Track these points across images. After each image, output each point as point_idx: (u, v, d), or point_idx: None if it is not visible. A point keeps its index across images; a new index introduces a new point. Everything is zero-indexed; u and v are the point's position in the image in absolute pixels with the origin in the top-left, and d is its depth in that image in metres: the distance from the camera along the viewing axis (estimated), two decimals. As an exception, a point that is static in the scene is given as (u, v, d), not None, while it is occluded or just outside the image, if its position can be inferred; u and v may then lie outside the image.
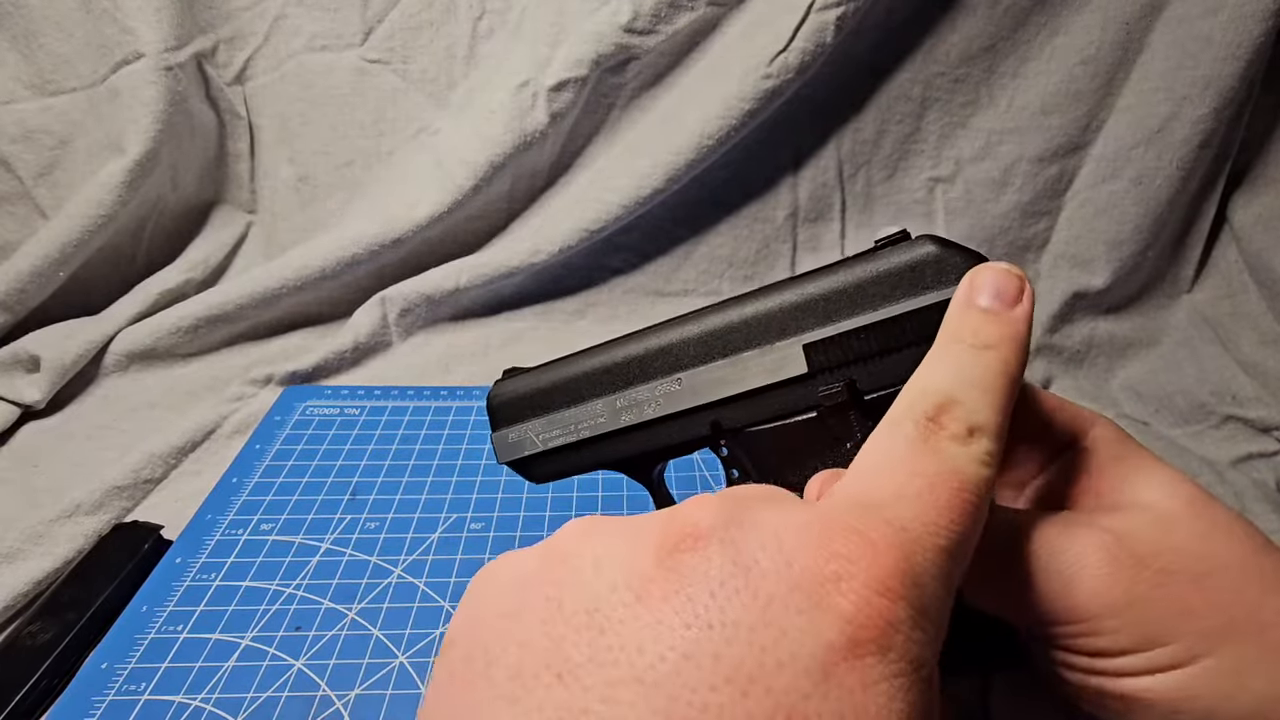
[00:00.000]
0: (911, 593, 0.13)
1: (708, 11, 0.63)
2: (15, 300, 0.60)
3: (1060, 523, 0.21)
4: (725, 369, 0.26)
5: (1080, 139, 0.66)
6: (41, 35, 0.61)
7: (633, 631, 0.13)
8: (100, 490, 0.49)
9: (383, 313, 0.65)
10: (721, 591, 0.13)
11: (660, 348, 0.28)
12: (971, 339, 0.18)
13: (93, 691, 0.35)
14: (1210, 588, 0.20)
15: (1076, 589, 0.20)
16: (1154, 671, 0.19)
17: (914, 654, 0.13)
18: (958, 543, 0.15)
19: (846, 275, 0.25)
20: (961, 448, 0.16)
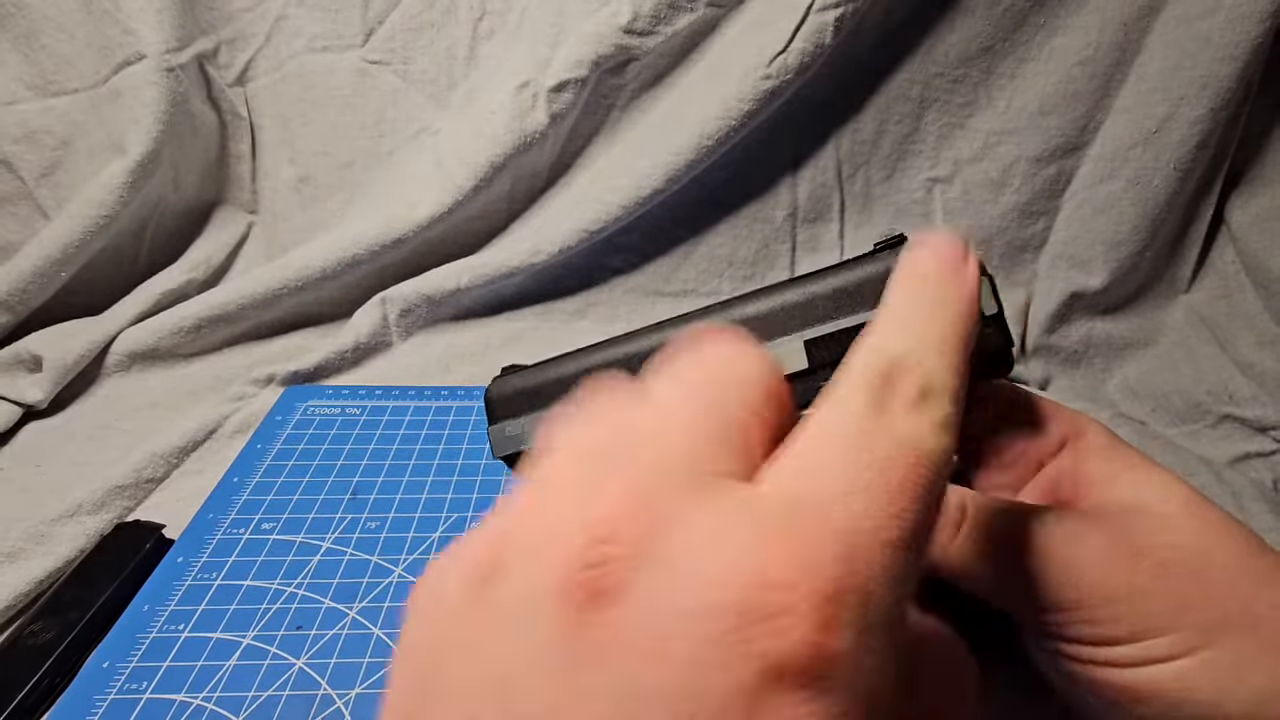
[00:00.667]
0: (857, 613, 0.12)
1: (707, 12, 0.64)
2: (17, 300, 0.60)
3: (1059, 514, 0.21)
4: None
5: (1078, 139, 0.67)
6: (43, 36, 0.61)
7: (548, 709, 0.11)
8: (102, 490, 0.49)
9: (383, 313, 0.65)
10: (637, 659, 0.11)
11: (663, 344, 0.27)
12: (921, 296, 0.16)
13: (94, 690, 0.35)
14: (1207, 582, 0.20)
15: (1076, 578, 0.20)
16: (1151, 663, 0.20)
17: (860, 680, 0.12)
18: (914, 531, 0.13)
19: (846, 276, 0.25)
20: (917, 415, 0.14)
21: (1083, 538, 0.20)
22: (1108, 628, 0.20)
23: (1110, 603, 0.20)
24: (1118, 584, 0.20)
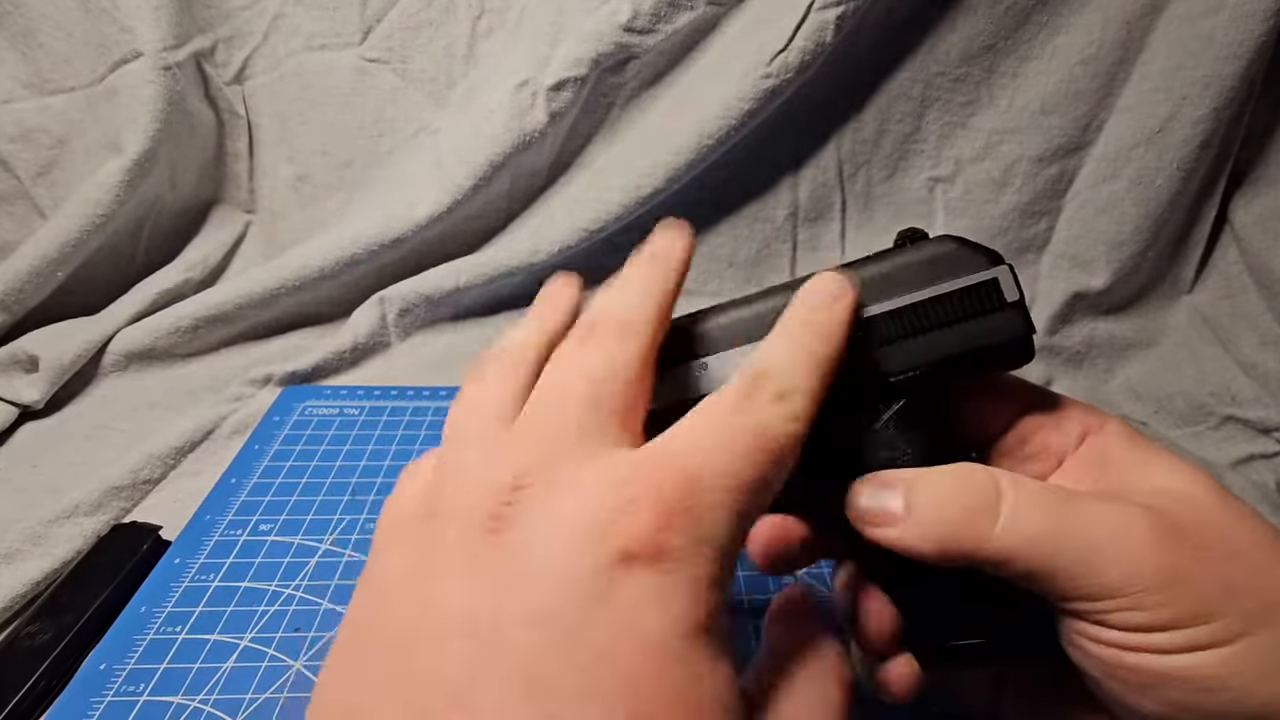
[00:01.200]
0: (690, 525, 0.17)
1: (707, 11, 0.63)
2: (13, 300, 0.59)
3: (1099, 498, 0.21)
4: (750, 353, 0.26)
5: (1080, 139, 0.66)
6: (39, 34, 0.61)
7: (458, 594, 0.17)
8: (99, 491, 0.49)
9: (382, 313, 0.65)
10: (529, 555, 0.17)
11: (683, 334, 0.27)
12: (796, 322, 0.22)
13: (91, 693, 0.35)
14: (1244, 566, 0.20)
15: (1119, 561, 0.20)
16: (1194, 649, 0.19)
17: (690, 569, 0.17)
18: (749, 487, 0.18)
19: (872, 267, 0.25)
20: (772, 408, 0.19)
21: (1124, 522, 0.20)
22: (1151, 614, 0.19)
23: (1154, 589, 0.19)
24: (1163, 569, 0.20)
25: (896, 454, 0.24)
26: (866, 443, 0.25)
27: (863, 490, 0.23)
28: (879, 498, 0.23)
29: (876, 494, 0.23)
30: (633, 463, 0.18)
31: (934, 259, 0.25)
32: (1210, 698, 0.20)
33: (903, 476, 0.23)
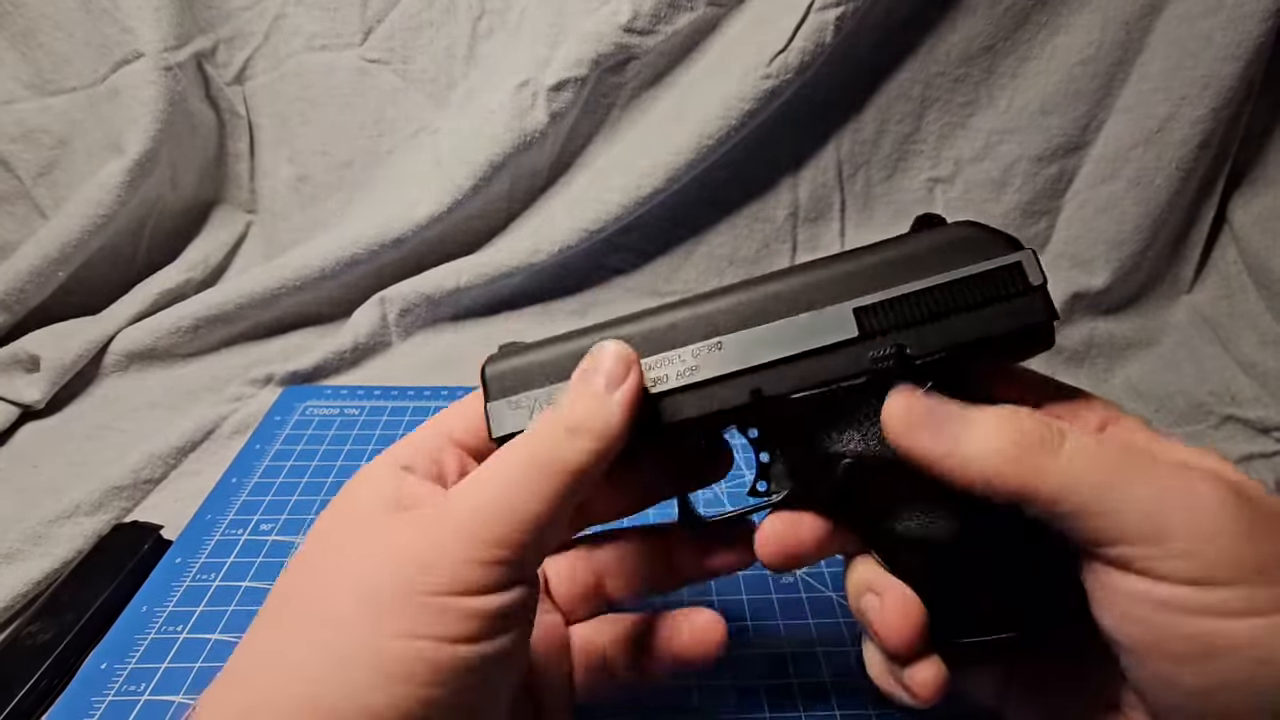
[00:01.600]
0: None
1: (707, 11, 0.63)
2: (15, 300, 0.60)
3: (1174, 457, 0.22)
4: (771, 332, 0.25)
5: (1080, 139, 0.66)
6: (41, 35, 0.61)
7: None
8: (100, 490, 0.49)
9: (382, 312, 0.65)
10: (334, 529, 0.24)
11: (697, 314, 0.26)
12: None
13: (92, 692, 0.35)
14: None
15: (1186, 508, 0.20)
16: (1256, 614, 0.19)
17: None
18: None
19: (894, 250, 0.26)
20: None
21: (1190, 473, 0.20)
22: (1213, 566, 0.19)
23: (1220, 536, 0.19)
24: (1228, 520, 0.19)
25: None
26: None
27: (916, 408, 0.23)
28: (936, 417, 0.23)
29: (933, 414, 0.23)
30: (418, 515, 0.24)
31: (955, 243, 0.25)
32: (1265, 671, 0.19)
33: (959, 408, 0.23)
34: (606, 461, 0.24)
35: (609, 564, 0.30)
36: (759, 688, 0.35)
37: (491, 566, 0.21)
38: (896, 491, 0.25)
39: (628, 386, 0.24)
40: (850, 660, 0.37)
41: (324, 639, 0.20)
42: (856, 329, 0.25)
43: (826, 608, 0.40)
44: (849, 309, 0.25)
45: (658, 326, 0.27)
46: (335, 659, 0.20)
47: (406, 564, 0.21)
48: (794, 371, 0.25)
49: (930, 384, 0.24)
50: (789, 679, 0.36)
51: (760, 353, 0.25)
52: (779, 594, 0.40)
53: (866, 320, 0.25)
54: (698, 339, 0.26)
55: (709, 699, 0.35)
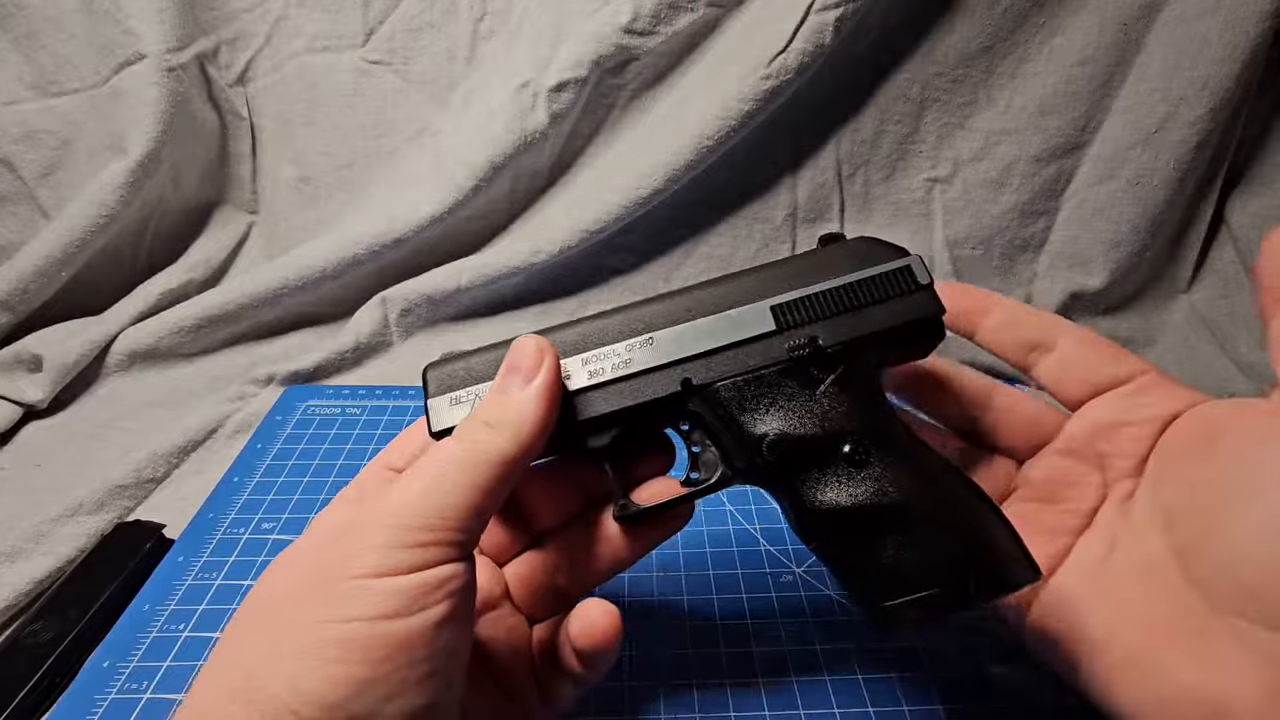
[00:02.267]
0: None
1: (707, 12, 0.64)
2: (18, 300, 0.60)
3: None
4: (698, 327, 0.29)
5: (1078, 139, 0.67)
6: (43, 36, 0.62)
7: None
8: (102, 489, 0.49)
9: (383, 313, 0.65)
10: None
11: (630, 316, 0.30)
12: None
13: (94, 690, 0.35)
14: None
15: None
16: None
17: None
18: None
19: (805, 260, 0.30)
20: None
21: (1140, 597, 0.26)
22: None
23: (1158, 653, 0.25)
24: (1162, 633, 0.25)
25: (835, 413, 0.28)
26: (812, 407, 0.28)
27: None
28: None
29: None
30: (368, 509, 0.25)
31: (856, 253, 0.30)
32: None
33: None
34: (528, 450, 0.25)
35: (556, 560, 0.31)
36: (759, 687, 0.36)
37: (414, 549, 0.22)
38: (815, 463, 0.28)
39: (542, 378, 0.26)
40: (850, 660, 0.37)
41: (274, 633, 0.22)
42: (774, 323, 0.29)
43: (826, 607, 0.40)
44: (767, 306, 0.29)
45: (593, 327, 0.30)
46: (271, 647, 0.21)
47: (336, 552, 0.23)
48: (720, 362, 0.29)
49: (841, 369, 0.28)
50: (789, 678, 0.36)
51: (690, 345, 0.29)
52: (779, 594, 0.41)
53: (782, 315, 0.29)
54: (630, 335, 0.29)
55: (708, 699, 0.35)
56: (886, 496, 0.27)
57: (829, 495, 0.27)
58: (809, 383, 0.28)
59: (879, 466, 0.27)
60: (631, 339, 0.29)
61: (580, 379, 0.29)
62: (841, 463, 0.27)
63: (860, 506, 0.27)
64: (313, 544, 0.25)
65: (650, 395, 0.29)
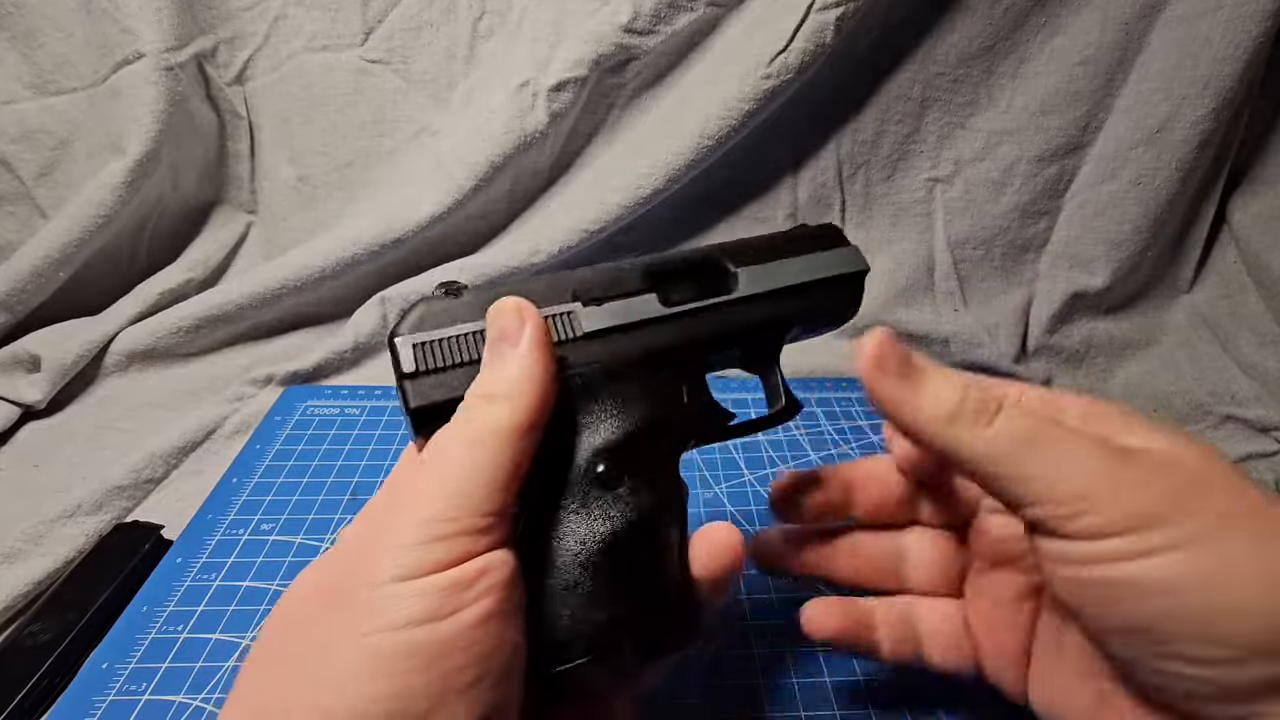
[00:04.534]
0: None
1: (708, 12, 0.63)
2: (15, 300, 0.60)
3: (1069, 424, 0.24)
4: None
5: (1079, 139, 0.66)
6: (41, 35, 0.61)
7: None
8: (101, 490, 0.49)
9: (383, 313, 0.65)
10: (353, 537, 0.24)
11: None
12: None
13: (93, 692, 0.35)
14: (1201, 487, 0.22)
15: (1078, 470, 0.22)
16: (1145, 554, 0.21)
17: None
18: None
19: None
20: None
21: (1084, 439, 0.23)
22: (1102, 517, 0.22)
23: (1104, 492, 0.22)
24: (1109, 475, 0.22)
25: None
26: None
27: (887, 351, 0.26)
28: (902, 365, 0.26)
29: (901, 361, 0.26)
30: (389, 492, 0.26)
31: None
32: (1172, 603, 0.21)
33: (924, 362, 0.26)
34: (534, 414, 0.24)
35: None
36: (759, 687, 0.36)
37: (437, 544, 0.21)
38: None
39: (528, 337, 0.25)
40: (850, 660, 0.37)
41: (289, 650, 0.21)
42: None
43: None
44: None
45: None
46: (299, 668, 0.20)
47: (359, 561, 0.21)
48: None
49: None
50: (789, 679, 0.36)
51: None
52: (779, 594, 0.40)
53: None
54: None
55: (709, 699, 0.35)
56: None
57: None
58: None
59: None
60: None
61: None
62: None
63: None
64: (334, 555, 0.23)
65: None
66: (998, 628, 0.29)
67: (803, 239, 0.32)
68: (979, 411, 0.24)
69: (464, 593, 0.20)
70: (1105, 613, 0.22)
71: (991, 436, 0.24)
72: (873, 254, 0.71)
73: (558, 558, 0.24)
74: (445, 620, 0.20)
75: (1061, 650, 0.27)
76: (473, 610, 0.20)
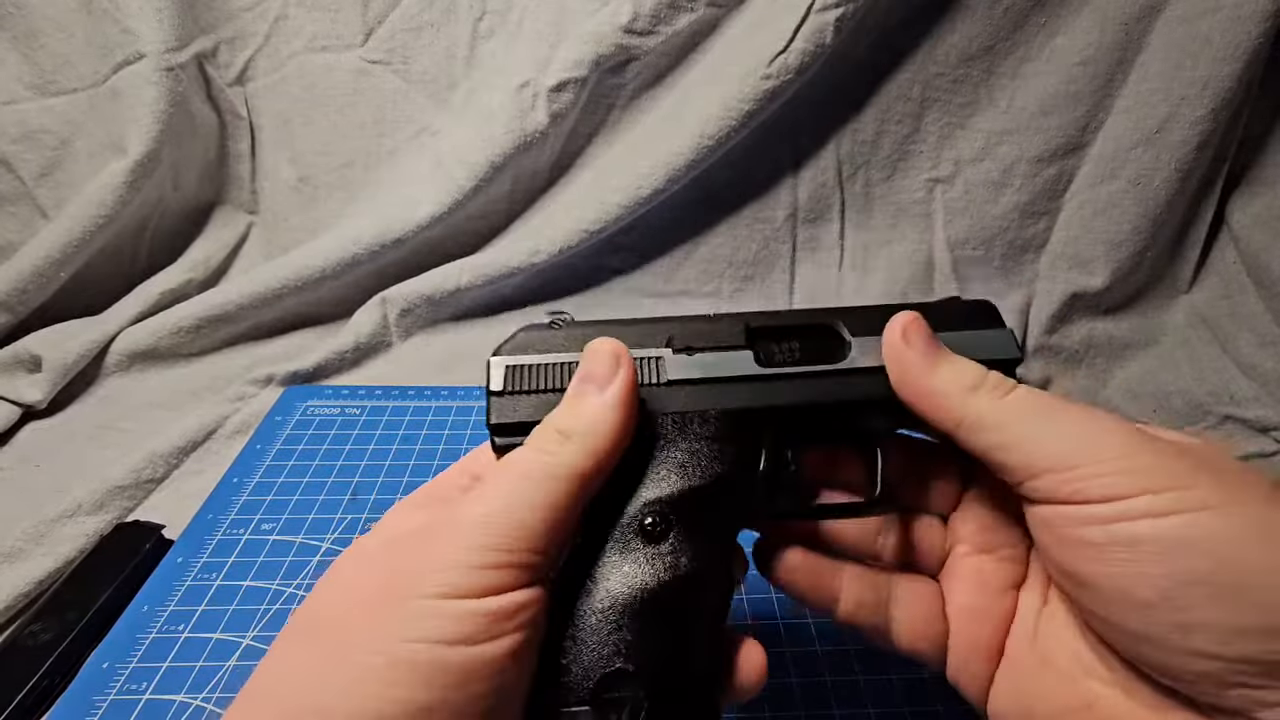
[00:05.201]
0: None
1: (707, 12, 0.63)
2: (17, 300, 0.60)
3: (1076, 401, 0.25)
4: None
5: (1079, 139, 0.66)
6: (42, 35, 0.61)
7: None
8: (102, 490, 0.49)
9: (383, 313, 0.65)
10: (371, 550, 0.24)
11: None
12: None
13: (94, 691, 0.35)
14: (1217, 464, 0.22)
15: (1089, 437, 0.23)
16: (1163, 514, 0.21)
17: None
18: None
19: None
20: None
21: (1099, 414, 0.24)
22: (1118, 479, 0.22)
23: (1122, 457, 0.22)
24: (1129, 443, 0.22)
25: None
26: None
27: (915, 328, 0.27)
28: (929, 343, 0.26)
29: (928, 340, 0.27)
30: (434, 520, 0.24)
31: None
32: (1200, 565, 0.20)
33: (945, 347, 0.27)
34: (606, 460, 0.24)
35: None
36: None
37: (489, 570, 0.21)
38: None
39: (617, 386, 0.25)
40: (850, 660, 0.37)
41: (334, 651, 0.20)
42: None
43: (826, 607, 0.40)
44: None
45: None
46: (326, 664, 0.20)
47: (409, 572, 0.21)
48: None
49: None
50: (789, 679, 0.36)
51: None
52: (779, 594, 0.40)
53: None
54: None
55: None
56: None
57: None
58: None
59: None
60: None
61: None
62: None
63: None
64: (380, 553, 0.23)
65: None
66: (974, 617, 0.28)
67: (948, 313, 0.28)
68: (999, 385, 0.25)
69: (503, 623, 0.21)
70: (1125, 580, 0.22)
71: (1011, 404, 0.24)
72: (872, 254, 0.71)
73: (585, 599, 0.24)
74: (481, 645, 0.20)
75: (1040, 647, 0.27)
76: (506, 641, 0.21)
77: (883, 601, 0.29)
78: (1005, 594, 0.29)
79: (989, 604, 0.28)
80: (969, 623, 0.28)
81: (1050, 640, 0.27)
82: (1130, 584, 0.22)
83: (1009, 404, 0.25)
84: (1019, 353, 0.29)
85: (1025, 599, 0.28)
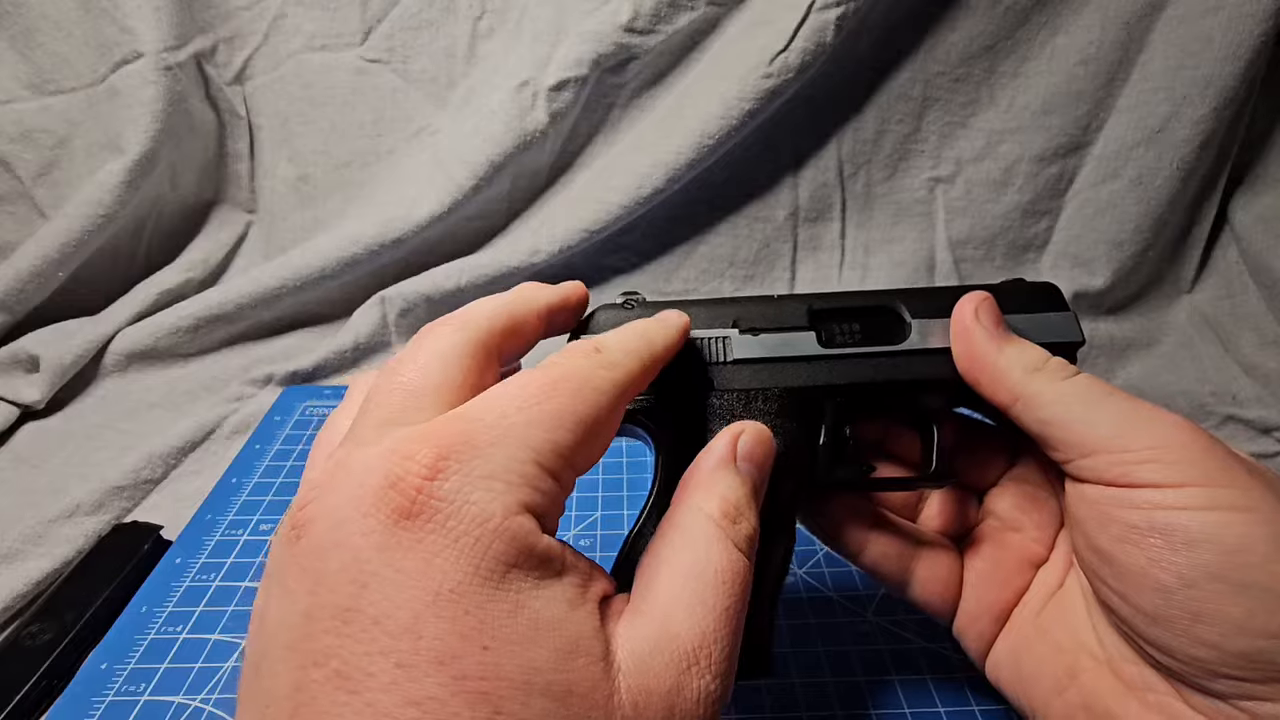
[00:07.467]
0: (468, 458, 0.18)
1: (708, 11, 0.63)
2: (14, 300, 0.60)
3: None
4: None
5: (1081, 139, 0.66)
6: (40, 34, 0.61)
7: (274, 609, 0.18)
8: (100, 490, 0.49)
9: (382, 313, 0.65)
10: (320, 549, 0.18)
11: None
12: (633, 325, 0.25)
13: (92, 692, 0.35)
14: (1248, 461, 0.23)
15: (1152, 426, 0.24)
16: (1219, 508, 0.22)
17: (474, 512, 0.17)
18: (552, 413, 0.19)
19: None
20: (582, 358, 0.21)
21: (1159, 408, 0.25)
22: (1176, 468, 0.22)
23: (1182, 447, 0.23)
24: (1192, 437, 0.23)
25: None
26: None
27: (987, 308, 0.28)
28: (999, 324, 0.27)
29: (997, 321, 0.28)
30: (424, 427, 0.19)
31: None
32: (1236, 561, 0.21)
33: (1018, 336, 0.28)
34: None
35: None
36: (760, 688, 0.35)
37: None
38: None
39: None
40: (850, 660, 0.37)
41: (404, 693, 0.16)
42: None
43: (827, 608, 0.40)
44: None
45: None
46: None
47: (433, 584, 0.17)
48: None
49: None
50: (790, 679, 0.36)
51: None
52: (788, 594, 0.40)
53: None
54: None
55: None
56: None
57: None
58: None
59: None
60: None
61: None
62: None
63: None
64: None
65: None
66: (991, 583, 0.30)
67: (1013, 295, 0.29)
68: (1061, 368, 0.26)
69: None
70: (1152, 563, 0.22)
71: (1070, 385, 0.25)
72: (873, 253, 0.71)
73: None
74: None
75: (1043, 621, 0.28)
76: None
77: (906, 557, 0.30)
78: (1024, 570, 0.30)
79: (1008, 575, 0.29)
80: (984, 588, 0.30)
81: (1054, 618, 0.28)
82: (1156, 568, 0.22)
83: (1068, 385, 0.26)
84: (1081, 336, 0.29)
85: (1041, 578, 0.30)
